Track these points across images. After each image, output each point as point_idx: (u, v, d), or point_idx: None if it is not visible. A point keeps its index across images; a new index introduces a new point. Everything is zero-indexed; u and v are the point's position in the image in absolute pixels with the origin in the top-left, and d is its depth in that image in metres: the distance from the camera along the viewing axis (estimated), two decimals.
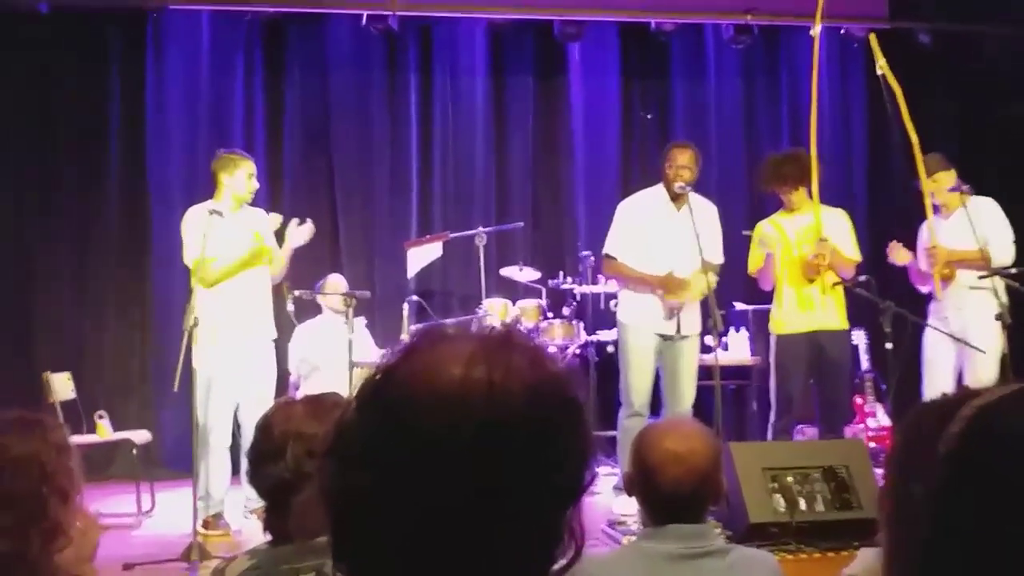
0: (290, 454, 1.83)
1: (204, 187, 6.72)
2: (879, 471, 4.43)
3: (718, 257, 5.33)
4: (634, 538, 3.85)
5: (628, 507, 4.51)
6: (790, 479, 4.05)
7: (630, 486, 2.11)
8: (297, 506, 1.81)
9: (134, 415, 6.63)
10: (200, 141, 7.08)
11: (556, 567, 0.85)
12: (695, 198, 5.23)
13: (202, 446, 4.89)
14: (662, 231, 5.19)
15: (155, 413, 6.76)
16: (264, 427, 1.92)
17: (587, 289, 6.63)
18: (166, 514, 5.43)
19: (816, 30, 5.42)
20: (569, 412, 0.85)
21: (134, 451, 5.48)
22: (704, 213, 5.27)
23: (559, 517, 0.84)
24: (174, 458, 6.45)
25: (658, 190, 5.30)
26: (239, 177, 5.12)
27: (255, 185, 5.21)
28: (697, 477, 2.03)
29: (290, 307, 5.24)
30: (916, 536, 1.49)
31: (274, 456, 1.85)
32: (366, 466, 0.81)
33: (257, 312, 5.13)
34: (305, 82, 7.42)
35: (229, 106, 7.25)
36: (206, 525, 4.86)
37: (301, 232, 5.24)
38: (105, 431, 5.52)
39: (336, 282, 6.22)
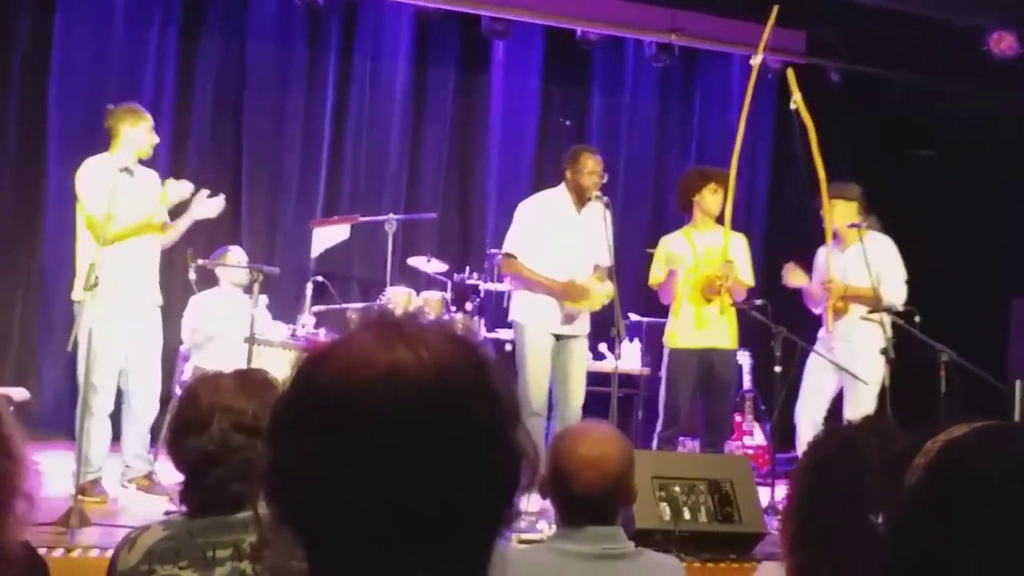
0: (216, 427, 1.82)
1: (104, 144, 6.51)
2: (759, 488, 4.63)
3: (607, 260, 5.36)
4: (530, 536, 3.93)
5: (530, 505, 4.55)
6: (677, 489, 4.18)
7: (545, 489, 2.16)
8: (218, 480, 1.80)
9: (11, 372, 6.36)
10: (106, 95, 6.80)
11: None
12: (601, 201, 5.31)
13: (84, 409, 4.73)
14: (565, 233, 5.25)
15: (34, 371, 6.50)
16: (190, 398, 1.90)
17: (491, 286, 6.69)
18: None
19: (757, 59, 5.61)
20: (488, 369, 0.90)
21: (11, 408, 5.23)
22: (599, 216, 5.34)
23: (512, 453, 0.89)
24: (51, 419, 6.21)
25: (561, 192, 5.34)
26: (142, 129, 4.98)
27: (155, 139, 5.07)
28: (610, 481, 2.10)
29: (192, 275, 5.11)
30: (827, 556, 1.56)
31: (198, 427, 1.83)
32: (310, 440, 0.84)
33: (146, 278, 5.00)
34: (222, 46, 7.24)
35: (140, 62, 7.00)
36: (82, 491, 4.69)
37: (209, 205, 5.12)
38: None
39: (238, 255, 6.09)
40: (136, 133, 4.97)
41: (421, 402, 0.84)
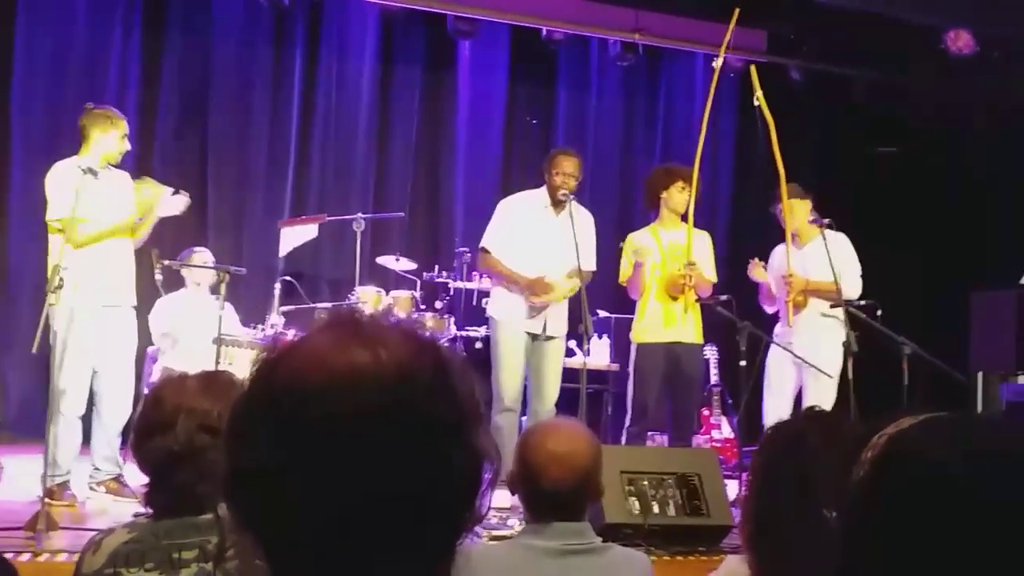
0: (181, 428, 1.81)
1: (69, 143, 6.46)
2: (727, 481, 4.68)
3: (592, 264, 5.47)
4: (500, 532, 3.95)
5: (501, 501, 4.57)
6: (645, 483, 4.21)
7: (513, 484, 2.18)
8: (183, 481, 1.79)
9: None
10: (70, 96, 6.76)
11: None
12: (574, 205, 5.37)
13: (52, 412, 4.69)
14: (539, 234, 5.31)
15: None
16: (155, 399, 1.90)
17: (461, 284, 6.71)
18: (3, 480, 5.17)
19: (718, 63, 5.70)
20: (448, 369, 0.88)
21: None
22: (582, 221, 5.41)
23: (472, 474, 0.87)
24: (19, 422, 6.15)
25: (540, 193, 5.41)
26: (112, 136, 4.93)
27: (126, 147, 5.03)
28: (578, 477, 2.11)
29: (159, 276, 5.08)
30: (784, 551, 1.57)
31: (163, 429, 1.83)
32: (268, 449, 0.83)
33: (118, 278, 4.96)
34: (187, 47, 7.20)
35: (104, 63, 6.95)
36: (50, 494, 4.64)
37: (174, 203, 5.08)
38: None
39: (203, 256, 6.07)
40: (106, 139, 4.94)
41: (379, 404, 0.82)
